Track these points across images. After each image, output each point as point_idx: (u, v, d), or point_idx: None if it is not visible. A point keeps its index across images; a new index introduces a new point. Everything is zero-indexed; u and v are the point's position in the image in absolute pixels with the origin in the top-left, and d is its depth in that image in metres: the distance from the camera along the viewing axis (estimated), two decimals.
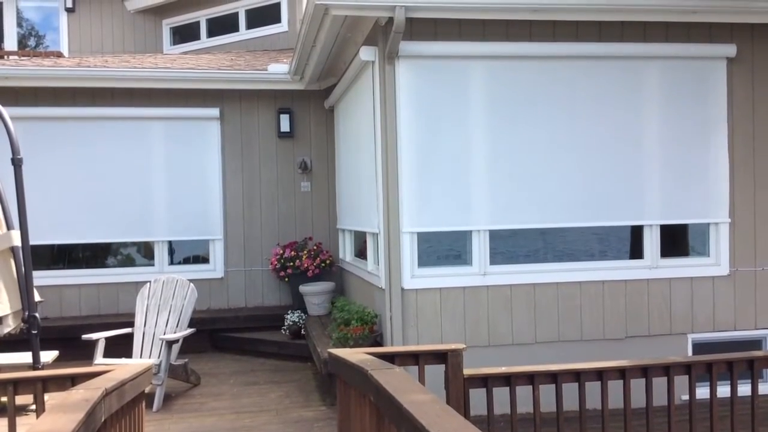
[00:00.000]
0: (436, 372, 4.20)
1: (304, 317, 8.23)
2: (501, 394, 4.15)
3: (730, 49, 6.39)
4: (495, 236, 6.20)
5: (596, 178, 6.26)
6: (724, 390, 4.41)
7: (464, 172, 6.09)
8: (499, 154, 6.14)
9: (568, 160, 6.22)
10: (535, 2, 5.73)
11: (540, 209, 6.19)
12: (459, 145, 6.09)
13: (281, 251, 8.90)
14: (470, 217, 6.11)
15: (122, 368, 3.76)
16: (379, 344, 6.30)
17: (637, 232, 6.46)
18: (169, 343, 6.60)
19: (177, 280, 7.26)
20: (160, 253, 9.17)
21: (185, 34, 12.73)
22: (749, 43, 6.46)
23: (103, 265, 9.23)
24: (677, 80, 6.37)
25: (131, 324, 7.21)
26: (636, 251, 6.47)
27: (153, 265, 9.16)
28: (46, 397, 3.80)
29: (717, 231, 6.45)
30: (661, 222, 6.37)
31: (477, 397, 4.14)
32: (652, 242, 6.37)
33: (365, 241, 7.21)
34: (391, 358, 4.09)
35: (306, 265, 8.66)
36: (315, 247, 8.98)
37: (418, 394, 2.44)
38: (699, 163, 6.41)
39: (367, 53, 6.22)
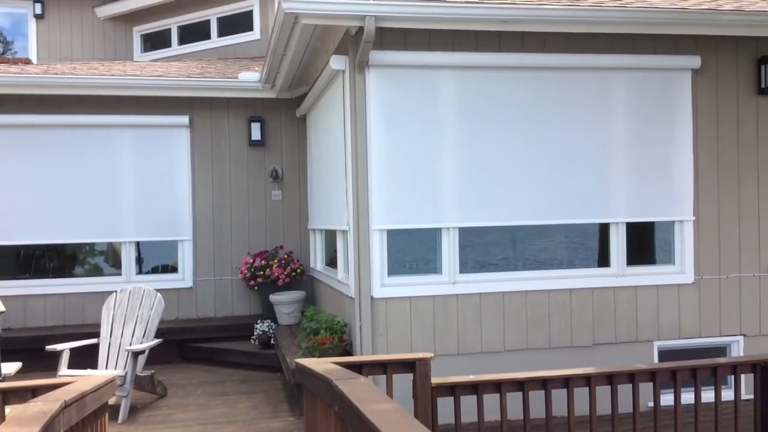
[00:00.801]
0: (405, 381, 4.20)
1: (274, 327, 8.18)
2: (469, 402, 4.16)
3: (695, 61, 6.50)
4: (465, 246, 6.22)
5: (565, 179, 6.32)
6: (689, 396, 4.47)
7: (434, 174, 6.12)
8: (469, 157, 6.17)
9: (537, 163, 6.28)
10: (503, 14, 5.78)
11: (509, 208, 6.24)
12: (429, 148, 6.11)
13: (251, 260, 8.84)
14: (440, 215, 6.14)
15: (84, 380, 3.70)
16: (349, 353, 6.28)
17: (604, 240, 6.53)
18: (135, 354, 6.50)
19: (144, 290, 7.17)
20: (128, 263, 9.06)
21: (156, 41, 12.64)
22: (713, 55, 6.58)
23: (70, 275, 9.09)
24: (644, 90, 6.46)
25: (97, 335, 7.10)
26: (603, 260, 6.54)
27: (120, 274, 9.04)
28: (8, 409, 3.72)
29: (682, 230, 6.53)
30: (627, 219, 6.45)
31: (445, 405, 4.14)
32: (618, 248, 6.44)
33: (336, 250, 7.20)
34: (358, 367, 4.08)
35: (276, 274, 8.61)
36: (286, 256, 8.94)
37: (380, 403, 2.44)
38: (664, 166, 6.51)
39: (337, 62, 6.22)
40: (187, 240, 9.11)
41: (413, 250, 6.33)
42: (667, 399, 4.74)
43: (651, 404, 4.46)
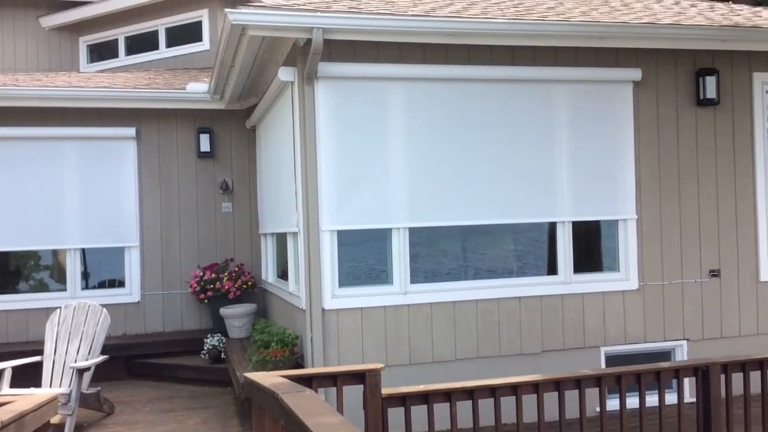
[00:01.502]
0: (356, 392, 4.19)
1: (224, 341, 8.07)
2: (419, 412, 4.18)
3: (636, 73, 6.68)
4: (415, 255, 6.25)
5: (513, 184, 6.42)
6: (636, 401, 4.56)
7: (384, 179, 6.14)
8: (419, 162, 6.22)
9: (485, 169, 6.36)
10: (450, 27, 5.87)
11: (458, 210, 6.30)
12: (379, 155, 6.14)
13: (201, 273, 8.72)
14: (390, 216, 6.16)
15: (24, 399, 3.60)
16: (301, 366, 6.24)
17: (552, 248, 6.64)
18: (80, 371, 6.34)
19: (89, 306, 7.00)
20: (73, 277, 8.84)
21: (103, 51, 12.41)
22: (654, 67, 6.77)
23: (13, 291, 8.83)
24: (587, 101, 6.61)
25: (41, 352, 6.90)
26: (551, 268, 6.64)
27: (65, 290, 8.82)
28: None
29: (626, 234, 6.67)
30: (572, 218, 6.58)
31: (396, 416, 4.15)
32: (565, 253, 6.54)
33: (287, 261, 7.16)
34: (308, 380, 4.07)
35: (227, 287, 8.51)
36: (236, 269, 8.85)
37: (326, 416, 2.43)
38: (608, 174, 6.66)
39: (286, 74, 6.21)
40: (134, 254, 8.94)
41: (364, 260, 6.34)
42: (613, 404, 4.86)
43: (598, 409, 4.54)
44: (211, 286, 8.57)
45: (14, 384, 6.40)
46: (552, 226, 6.62)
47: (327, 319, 5.98)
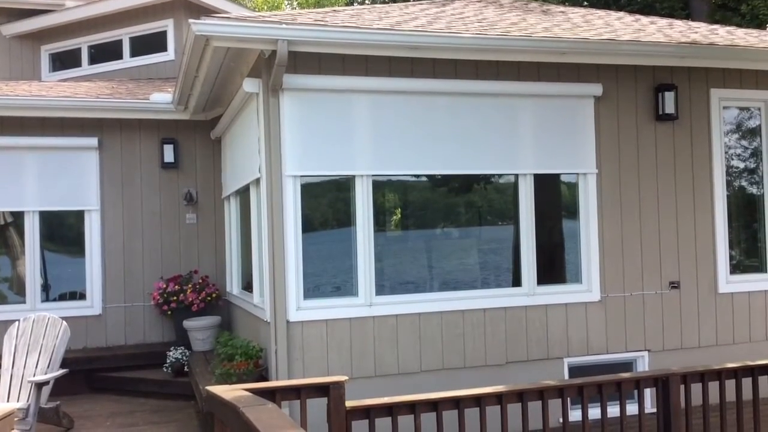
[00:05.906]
0: (321, 405, 4.17)
1: (187, 354, 7.97)
2: (384, 425, 4.17)
3: (597, 89, 6.79)
4: (380, 269, 6.26)
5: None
6: (599, 412, 4.62)
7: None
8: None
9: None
10: (415, 41, 5.91)
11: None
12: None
13: (164, 285, 8.61)
14: (354, 165, 6.20)
15: None
16: (265, 379, 6.19)
17: (516, 260, 6.69)
18: (39, 385, 6.21)
19: (48, 318, 6.86)
20: (33, 290, 8.67)
21: (66, 60, 12.23)
22: (614, 83, 6.90)
23: None
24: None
25: None
26: (516, 280, 6.70)
27: (24, 302, 8.64)
28: None
29: (588, 243, 6.75)
30: (534, 171, 6.64)
31: (360, 428, 4.14)
32: (528, 267, 6.60)
33: (252, 275, 7.11)
34: (271, 393, 4.04)
35: (190, 299, 8.42)
36: (201, 281, 8.75)
37: (288, 430, 2.42)
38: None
39: (250, 85, 6.18)
40: (96, 267, 8.80)
41: (329, 273, 6.32)
42: (576, 415, 4.91)
43: (561, 420, 4.59)
44: (175, 298, 8.47)
45: None
46: (516, 238, 6.68)
47: (292, 332, 5.94)
